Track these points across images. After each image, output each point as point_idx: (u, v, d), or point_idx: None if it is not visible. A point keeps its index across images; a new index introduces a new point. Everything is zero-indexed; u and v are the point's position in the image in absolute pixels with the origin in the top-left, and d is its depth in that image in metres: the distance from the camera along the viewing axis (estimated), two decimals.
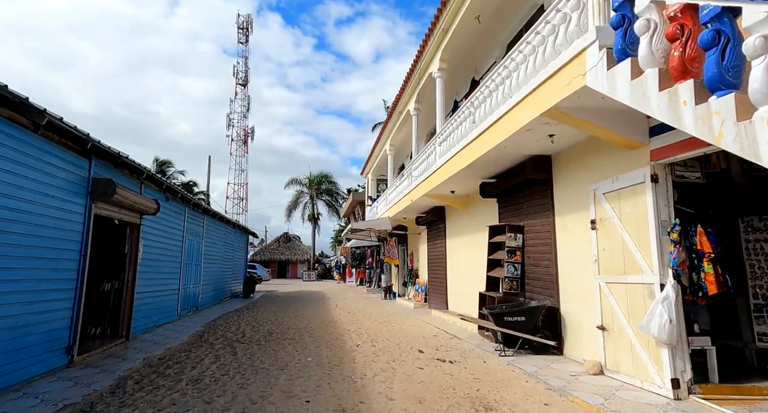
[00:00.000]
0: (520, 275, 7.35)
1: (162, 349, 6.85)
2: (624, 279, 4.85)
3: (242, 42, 66.84)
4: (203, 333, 8.45)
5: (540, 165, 6.58)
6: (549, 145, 6.02)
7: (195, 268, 11.91)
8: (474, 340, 7.58)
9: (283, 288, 25.29)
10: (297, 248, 46.67)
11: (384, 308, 13.41)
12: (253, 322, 10.07)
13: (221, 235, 15.04)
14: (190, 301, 11.47)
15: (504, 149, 6.29)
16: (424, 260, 14.21)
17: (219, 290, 15.09)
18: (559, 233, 6.37)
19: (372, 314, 11.92)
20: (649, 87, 3.16)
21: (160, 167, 44.15)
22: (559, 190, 6.39)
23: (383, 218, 15.05)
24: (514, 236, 7.42)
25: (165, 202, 9.24)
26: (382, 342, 7.51)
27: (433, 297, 12.99)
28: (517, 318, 6.17)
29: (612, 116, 4.56)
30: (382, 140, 16.25)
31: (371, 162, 20.31)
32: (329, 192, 43.65)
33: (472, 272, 9.79)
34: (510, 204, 7.97)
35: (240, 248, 18.83)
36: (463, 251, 10.50)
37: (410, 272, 16.06)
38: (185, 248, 10.90)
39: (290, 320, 10.50)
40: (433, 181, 9.23)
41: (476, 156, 6.78)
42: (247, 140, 65.79)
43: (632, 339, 4.68)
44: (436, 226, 12.73)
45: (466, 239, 10.34)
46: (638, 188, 4.67)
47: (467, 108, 7.29)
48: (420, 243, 14.88)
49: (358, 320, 10.59)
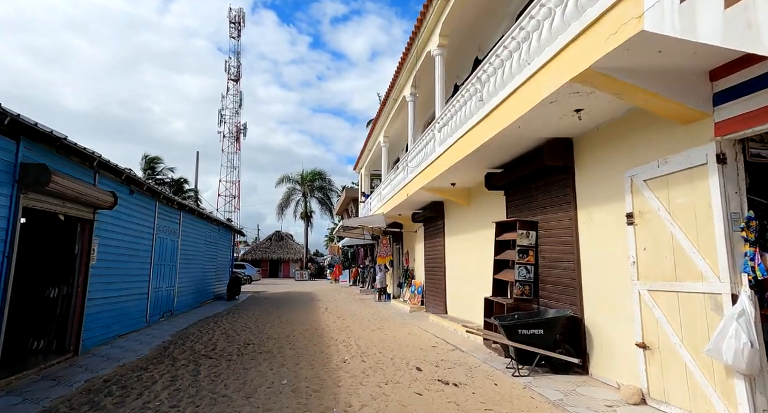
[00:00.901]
0: (533, 278, 6.36)
1: (113, 367, 5.78)
2: (676, 286, 3.86)
3: (234, 37, 65.43)
4: (169, 345, 7.38)
5: (560, 150, 5.57)
6: (573, 124, 5.02)
7: (169, 269, 10.82)
8: (480, 353, 6.58)
9: (273, 289, 24.20)
10: (290, 247, 45.52)
11: (377, 312, 12.40)
12: (230, 330, 9.01)
13: (202, 233, 13.95)
14: (163, 305, 10.39)
15: (517, 131, 5.28)
16: (420, 260, 13.20)
17: (200, 292, 14.00)
18: (582, 229, 5.38)
19: (364, 319, 10.90)
20: (763, 12, 2.15)
21: (149, 164, 42.71)
22: (583, 179, 5.39)
23: (377, 215, 14.03)
24: (526, 233, 6.42)
25: (128, 195, 8.15)
26: (374, 356, 6.49)
27: (430, 300, 11.99)
28: (534, 330, 5.17)
29: (665, 78, 3.56)
30: (376, 130, 15.20)
31: (364, 156, 19.24)
32: (322, 190, 42.46)
33: (474, 274, 8.79)
34: (521, 197, 6.97)
35: (225, 247, 17.73)
36: (465, 250, 9.50)
37: (406, 272, 15.05)
38: (157, 248, 9.81)
39: (272, 327, 9.45)
40: (432, 172, 8.22)
41: (483, 140, 5.77)
42: (240, 136, 64.54)
43: (688, 363, 3.70)
44: (434, 223, 11.73)
45: (467, 238, 9.34)
46: (697, 171, 3.68)
47: (473, 85, 6.27)
48: (416, 242, 13.88)
49: (348, 326, 9.56)
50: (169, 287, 10.85)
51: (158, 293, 10.02)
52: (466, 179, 8.29)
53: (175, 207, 11.05)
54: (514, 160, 6.73)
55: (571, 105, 4.49)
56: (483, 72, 5.86)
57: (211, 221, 15.16)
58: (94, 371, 5.58)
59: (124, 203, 8.02)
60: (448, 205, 10.69)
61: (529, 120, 4.89)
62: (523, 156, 6.41)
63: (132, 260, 8.51)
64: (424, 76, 10.00)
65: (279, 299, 17.30)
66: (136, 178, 8.11)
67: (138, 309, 8.95)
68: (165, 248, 10.40)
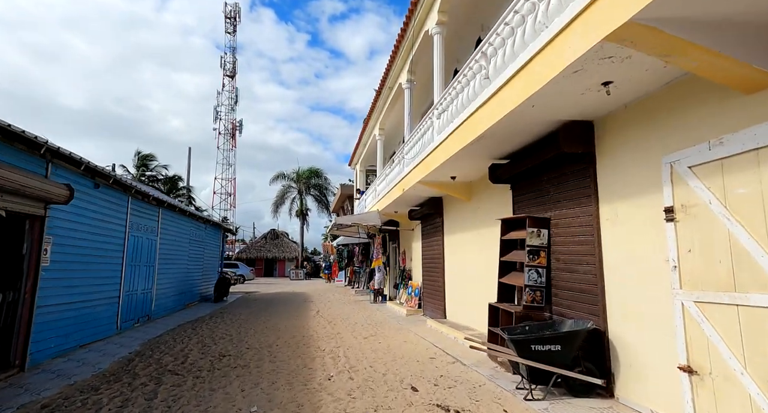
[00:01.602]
0: (545, 283, 5.58)
1: (59, 387, 4.98)
2: (735, 299, 3.08)
3: (230, 32, 64.58)
4: (135, 357, 6.58)
5: (579, 135, 4.78)
6: (598, 102, 4.22)
7: (146, 270, 10.01)
8: (484, 368, 5.80)
9: (266, 289, 23.40)
10: (285, 246, 44.68)
11: (372, 316, 11.61)
12: (207, 338, 8.21)
13: (186, 231, 13.12)
14: (138, 310, 9.57)
15: (530, 112, 4.48)
16: (418, 259, 12.42)
17: (184, 293, 13.19)
18: (605, 226, 4.59)
19: (357, 324, 10.11)
20: None
21: (142, 161, 41.89)
22: (607, 168, 4.60)
23: (371, 212, 13.23)
24: (537, 231, 5.63)
25: (92, 189, 7.34)
26: (364, 372, 5.70)
27: (428, 303, 11.21)
28: (550, 346, 4.39)
29: (729, 31, 2.77)
30: (371, 123, 14.37)
31: (359, 151, 18.42)
32: (319, 187, 41.58)
33: (476, 276, 8.01)
34: (530, 190, 6.18)
35: (213, 246, 16.90)
36: (465, 250, 8.71)
37: (402, 273, 14.26)
38: (130, 247, 8.99)
39: (255, 334, 8.66)
40: (430, 164, 7.42)
41: (488, 125, 4.97)
42: (235, 133, 63.69)
43: (755, 397, 2.92)
44: (432, 221, 10.94)
45: (468, 236, 8.55)
46: (766, 153, 2.89)
47: (476, 62, 5.47)
48: (413, 240, 13.09)
49: (339, 333, 8.77)
50: (146, 290, 10.03)
51: (132, 296, 9.21)
52: (467, 171, 7.49)
53: (153, 203, 10.23)
54: (522, 149, 5.93)
55: (599, 76, 3.69)
56: (489, 45, 5.06)
57: (197, 218, 14.34)
58: (36, 392, 4.77)
59: (87, 198, 7.21)
60: (447, 201, 9.90)
61: (544, 98, 4.10)
62: (534, 144, 5.61)
63: (99, 261, 7.69)
64: (422, 60, 9.19)
65: (270, 300, 16.50)
66: (101, 170, 7.28)
67: (107, 315, 8.14)
68: (140, 247, 9.58)
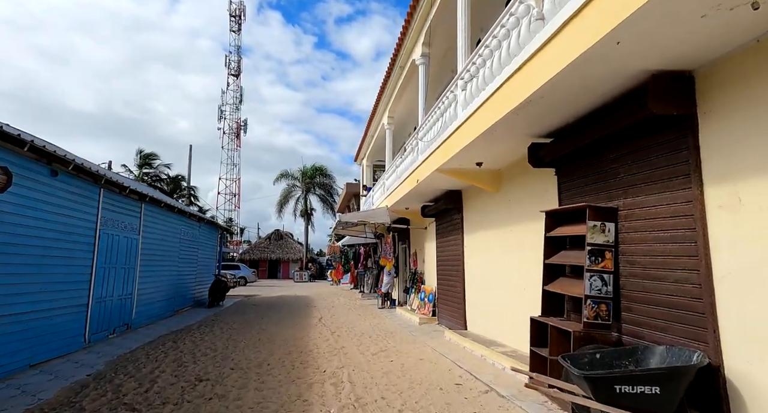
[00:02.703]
0: (612, 293, 4.26)
1: None
2: None
3: (234, 30, 63.92)
4: (91, 382, 5.33)
5: (674, 90, 3.46)
6: (716, 37, 2.91)
7: (125, 273, 8.80)
8: (528, 401, 4.48)
9: (268, 292, 22.20)
10: (289, 247, 43.50)
11: (381, 324, 10.33)
12: (187, 354, 6.96)
13: (175, 229, 11.92)
14: (114, 318, 8.36)
15: (610, 54, 3.17)
16: (431, 261, 11.12)
17: (174, 298, 11.98)
18: (715, 217, 3.26)
19: (364, 334, 8.83)
20: None
21: (145, 160, 41.12)
22: (718, 134, 3.27)
23: (380, 209, 11.96)
24: (600, 226, 4.31)
25: (48, 177, 6.13)
26: (374, 407, 4.41)
27: (444, 311, 9.91)
28: (645, 387, 3.06)
29: None
30: (379, 110, 13.08)
31: (366, 144, 17.14)
32: (324, 187, 40.30)
33: (507, 282, 6.71)
34: (586, 174, 4.85)
35: (208, 246, 15.70)
36: (492, 249, 7.40)
37: (413, 276, 12.96)
38: (102, 247, 7.79)
39: (245, 348, 7.40)
40: (452, 147, 6.14)
41: (541, 81, 3.68)
42: (240, 133, 62.87)
43: None
44: (449, 217, 9.64)
45: (496, 234, 7.25)
46: None
47: (522, 2, 4.17)
48: (426, 240, 11.79)
49: (343, 347, 7.50)
50: (125, 296, 8.82)
51: (105, 303, 7.99)
52: (498, 154, 6.19)
53: (133, 197, 9.03)
54: (578, 121, 4.62)
55: None
56: None
57: (189, 216, 13.13)
58: None
59: (42, 188, 6.00)
60: (468, 194, 8.59)
61: (642, 25, 2.79)
62: (598, 111, 4.30)
63: (58, 264, 6.48)
64: (439, 28, 7.90)
65: (269, 305, 15.26)
66: (57, 153, 6.06)
67: (71, 327, 6.93)
68: (116, 247, 8.37)
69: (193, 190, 46.83)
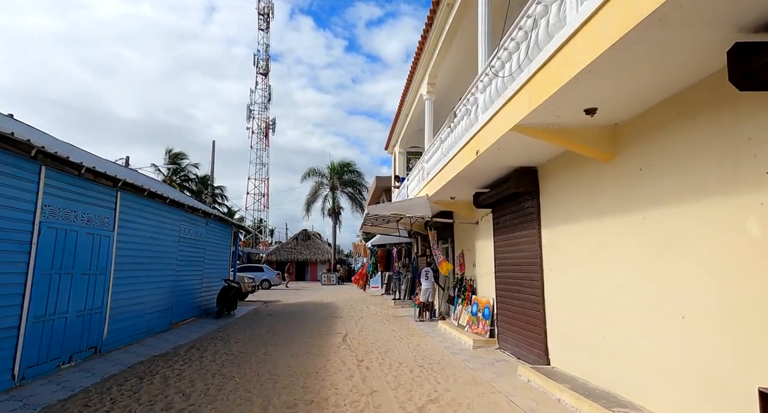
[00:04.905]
0: None
1: None
2: None
3: (263, 28, 63.17)
4: None
5: None
6: None
7: (89, 280, 6.76)
8: None
9: (291, 297, 20.16)
10: (317, 247, 41.63)
11: (423, 347, 7.88)
12: (146, 403, 4.73)
13: (171, 225, 9.90)
14: (69, 343, 6.30)
15: None
16: (487, 265, 8.56)
17: (172, 308, 9.96)
18: None
19: (402, 366, 6.41)
20: None
21: (173, 159, 40.51)
22: None
23: (418, 199, 9.51)
24: None
25: None
26: None
27: (508, 332, 7.34)
28: None
29: None
30: (416, 78, 10.60)
31: (399, 126, 14.69)
32: (352, 184, 38.10)
33: (638, 302, 4.12)
34: None
35: (220, 247, 13.71)
36: (601, 250, 4.80)
37: (460, 283, 10.42)
38: (44, 246, 5.75)
39: (230, 396, 5.08)
40: (552, 80, 3.64)
41: None
42: (269, 132, 61.90)
43: None
44: (517, 206, 7.08)
45: (611, 226, 4.65)
46: None
47: None
48: (478, 238, 9.23)
49: (374, 392, 5.09)
50: (90, 310, 6.77)
51: (52, 323, 5.93)
52: (634, 89, 3.62)
53: (105, 184, 6.99)
54: None
55: None
56: None
57: (192, 210, 11.10)
58: None
59: None
60: (549, 171, 6.02)
61: None
62: None
63: None
64: None
65: (288, 314, 13.09)
66: None
67: None
68: (73, 246, 6.33)
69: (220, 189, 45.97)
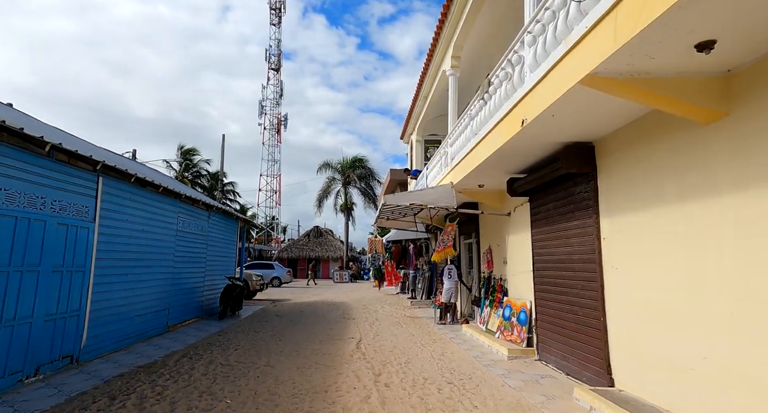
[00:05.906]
0: None
1: None
2: None
3: (274, 23, 62.31)
4: None
5: None
6: None
7: (62, 279, 5.81)
8: None
9: (301, 295, 19.23)
10: (329, 244, 40.72)
11: (448, 356, 6.78)
12: None
13: (166, 218, 8.94)
14: (36, 352, 5.34)
15: None
16: (521, 262, 7.39)
17: (169, 309, 9.03)
18: None
19: (428, 383, 5.30)
20: None
21: (185, 156, 40.08)
22: None
23: (442, 187, 8.37)
24: None
25: None
26: None
27: (552, 342, 6.18)
28: None
29: None
30: (438, 52, 9.40)
31: (416, 111, 13.51)
32: (365, 178, 37.04)
33: None
34: None
35: (225, 242, 12.77)
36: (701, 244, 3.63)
37: (488, 282, 9.27)
38: (4, 237, 4.79)
39: None
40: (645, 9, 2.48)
41: None
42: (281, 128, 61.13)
43: None
44: (565, 191, 5.89)
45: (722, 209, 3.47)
46: None
47: None
48: (510, 231, 8.07)
49: None
50: (63, 314, 5.82)
51: (12, 329, 4.98)
52: None
53: (83, 167, 6.03)
54: None
55: None
56: None
57: (191, 201, 10.15)
58: None
59: None
60: (611, 146, 4.83)
61: None
62: None
63: None
64: None
65: (297, 315, 12.09)
66: None
67: None
68: (38, 238, 5.37)
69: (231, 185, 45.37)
